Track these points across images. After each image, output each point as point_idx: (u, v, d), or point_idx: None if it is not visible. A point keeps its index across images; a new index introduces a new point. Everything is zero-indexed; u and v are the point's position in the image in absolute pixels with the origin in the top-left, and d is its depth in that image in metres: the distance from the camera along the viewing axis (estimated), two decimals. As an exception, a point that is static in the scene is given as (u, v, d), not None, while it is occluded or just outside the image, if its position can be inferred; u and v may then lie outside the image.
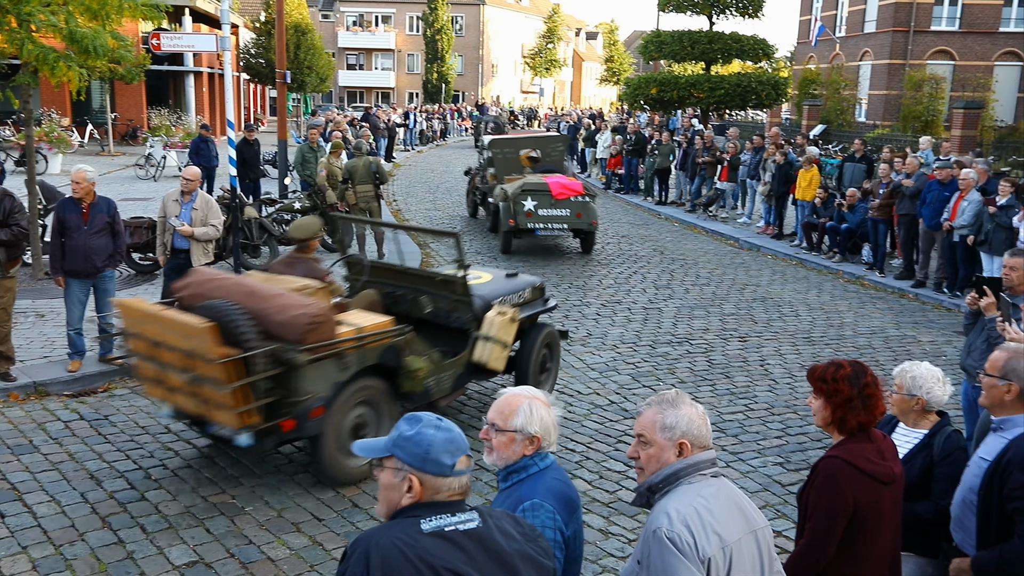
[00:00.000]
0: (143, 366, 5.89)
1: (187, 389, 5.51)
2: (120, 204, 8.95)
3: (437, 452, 2.16)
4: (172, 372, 5.57)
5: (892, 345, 9.93)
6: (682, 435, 2.54)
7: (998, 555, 3.20)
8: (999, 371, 3.35)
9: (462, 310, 6.92)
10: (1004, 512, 3.21)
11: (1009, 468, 3.18)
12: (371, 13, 68.21)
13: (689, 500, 2.46)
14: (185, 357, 5.39)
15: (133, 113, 33.27)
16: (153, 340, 5.64)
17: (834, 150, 22.89)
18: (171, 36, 11.67)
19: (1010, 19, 33.71)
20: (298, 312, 5.47)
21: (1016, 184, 11.21)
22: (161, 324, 5.56)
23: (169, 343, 5.50)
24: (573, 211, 13.71)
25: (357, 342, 5.81)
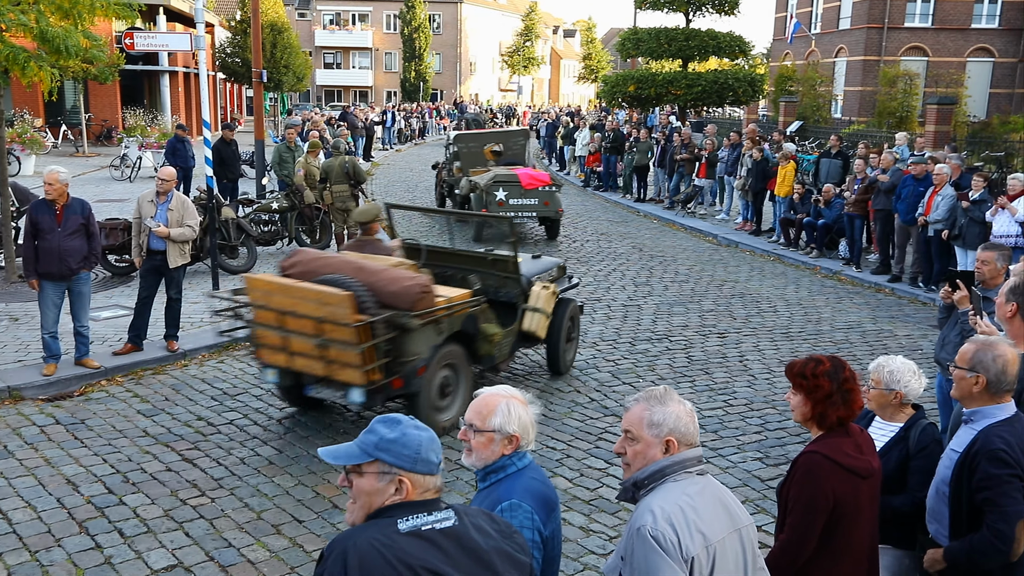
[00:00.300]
0: (265, 334, 6.55)
1: (314, 353, 6.21)
2: (95, 205, 8.87)
3: (426, 451, 2.17)
4: (298, 338, 6.28)
5: (869, 339, 10.02)
6: (669, 432, 2.54)
7: (968, 545, 3.26)
8: (968, 363, 3.38)
9: (511, 286, 7.80)
10: (974, 503, 3.26)
11: (977, 459, 3.24)
12: (348, 12, 67.87)
13: (674, 498, 2.46)
14: (317, 324, 6.12)
15: (108, 113, 32.92)
16: (282, 310, 6.34)
17: (810, 146, 23.04)
18: (145, 35, 11.55)
19: (981, 15, 34.11)
20: (410, 283, 6.32)
21: (988, 179, 11.35)
22: (294, 295, 6.28)
23: (300, 311, 6.23)
24: (541, 200, 14.79)
25: (449, 310, 6.65)
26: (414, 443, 2.16)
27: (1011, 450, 3.22)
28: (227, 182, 16.32)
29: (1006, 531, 3.18)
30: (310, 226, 14.08)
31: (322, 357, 6.21)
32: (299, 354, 6.36)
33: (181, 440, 6.69)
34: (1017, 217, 10.16)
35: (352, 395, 6.25)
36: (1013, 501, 3.20)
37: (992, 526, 3.19)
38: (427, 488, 2.17)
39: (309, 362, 6.35)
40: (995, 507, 3.19)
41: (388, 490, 2.14)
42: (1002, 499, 3.19)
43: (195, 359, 8.68)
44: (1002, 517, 3.18)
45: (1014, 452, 3.22)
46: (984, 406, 3.37)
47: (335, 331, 6.07)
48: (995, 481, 3.19)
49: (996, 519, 3.19)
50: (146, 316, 8.55)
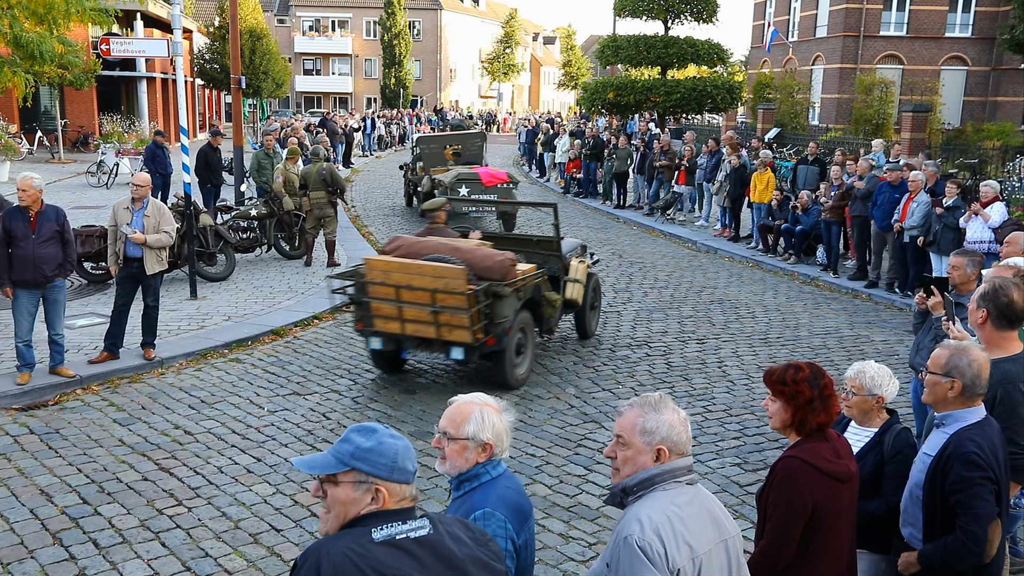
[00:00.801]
0: (380, 307, 7.76)
1: (427, 319, 7.55)
2: (71, 212, 8.80)
3: (403, 460, 2.16)
4: (412, 307, 7.59)
5: (846, 345, 10.10)
6: (661, 441, 2.52)
7: (942, 548, 3.30)
8: (942, 368, 3.41)
9: (553, 261, 9.12)
10: (947, 505, 3.29)
11: (950, 463, 3.27)
12: (327, 18, 67.72)
13: (662, 508, 2.45)
14: (432, 294, 7.45)
15: (84, 119, 32.63)
16: (399, 285, 7.60)
17: (788, 153, 23.23)
18: (121, 41, 11.47)
19: (955, 24, 34.57)
20: (501, 259, 7.78)
21: (962, 185, 11.48)
22: (411, 271, 7.61)
23: (416, 285, 7.54)
24: (499, 196, 16.12)
25: (524, 281, 7.99)
26: (390, 452, 2.15)
27: (983, 453, 3.26)
28: (211, 187, 16.23)
29: (979, 533, 3.22)
30: (289, 233, 14.01)
31: (434, 322, 7.53)
32: (412, 321, 7.64)
33: (158, 449, 6.63)
34: (990, 223, 10.29)
35: (453, 353, 7.68)
36: (985, 503, 3.23)
37: (965, 528, 3.23)
38: (403, 497, 2.16)
39: (421, 327, 7.65)
40: (968, 509, 3.23)
41: (364, 499, 2.13)
42: (974, 501, 3.22)
43: (172, 367, 8.61)
44: (975, 519, 3.22)
45: (986, 455, 3.26)
46: (956, 410, 3.40)
47: (448, 299, 7.42)
48: (967, 484, 3.23)
49: (969, 521, 3.23)
50: (122, 324, 8.47)
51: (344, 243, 15.25)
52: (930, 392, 3.47)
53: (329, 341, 9.65)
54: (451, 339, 7.56)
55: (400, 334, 7.78)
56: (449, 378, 8.49)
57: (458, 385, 8.26)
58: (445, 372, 8.68)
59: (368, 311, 7.85)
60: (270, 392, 7.97)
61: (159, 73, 35.93)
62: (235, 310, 10.62)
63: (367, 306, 7.85)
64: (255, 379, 8.33)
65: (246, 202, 15.74)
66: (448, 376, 8.55)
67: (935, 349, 3.55)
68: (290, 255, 14.00)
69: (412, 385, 8.26)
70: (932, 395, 3.46)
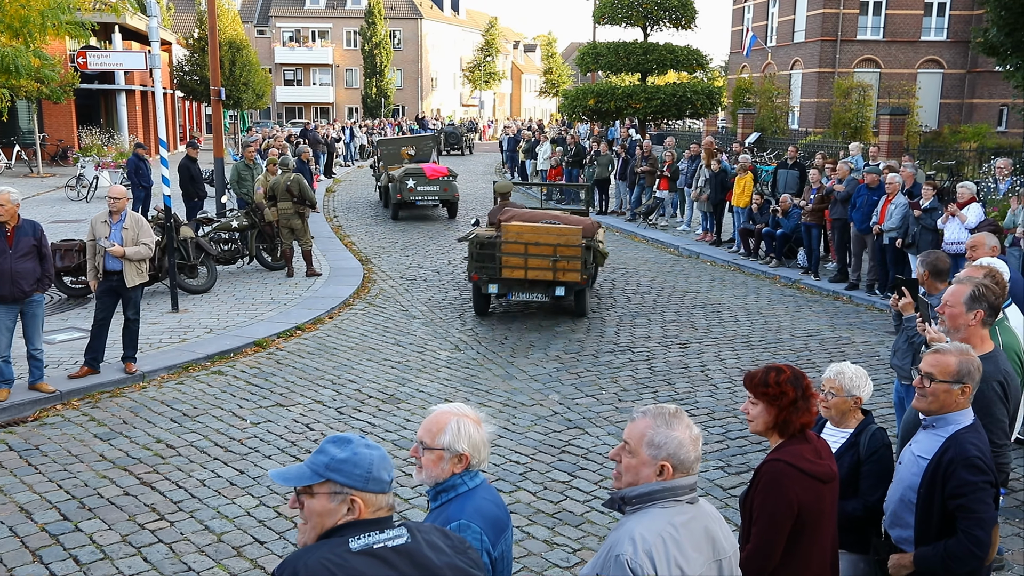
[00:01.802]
0: (509, 259, 10.30)
1: (545, 266, 10.22)
2: (50, 226, 8.74)
3: (378, 470, 2.16)
4: (537, 258, 10.21)
5: (828, 347, 10.17)
6: (667, 456, 2.47)
7: (943, 551, 3.27)
8: (954, 375, 3.33)
9: None
10: (946, 509, 3.27)
11: (952, 467, 3.24)
12: (307, 28, 67.66)
13: (658, 528, 2.42)
14: (554, 248, 10.17)
15: (63, 133, 32.43)
16: (528, 242, 10.23)
17: (768, 157, 23.38)
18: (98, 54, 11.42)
19: (930, 28, 34.98)
20: (591, 222, 11.51)
21: (938, 187, 11.59)
22: (539, 232, 10.31)
23: (543, 241, 10.22)
24: (441, 187, 19.32)
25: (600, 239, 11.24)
26: (365, 462, 2.15)
27: (984, 457, 3.25)
28: (196, 200, 16.13)
29: (983, 537, 3.21)
30: (270, 244, 13.97)
31: (552, 268, 10.24)
32: (534, 268, 10.28)
33: (140, 463, 6.58)
34: (967, 224, 10.39)
35: (557, 291, 10.45)
36: (988, 508, 3.23)
37: (969, 532, 3.21)
38: (379, 507, 2.16)
39: (541, 272, 10.29)
40: (971, 513, 3.21)
41: (340, 510, 2.13)
42: (978, 505, 3.21)
43: (154, 380, 8.56)
44: (978, 523, 3.20)
45: (987, 458, 3.26)
46: (950, 413, 3.38)
47: (567, 251, 10.20)
48: (971, 488, 3.21)
49: (971, 525, 3.20)
50: (103, 338, 8.41)
51: (327, 253, 15.24)
52: (935, 400, 3.37)
53: (312, 352, 9.62)
54: (564, 280, 10.33)
55: (522, 279, 10.39)
56: (438, 384, 8.49)
57: (443, 394, 8.26)
58: (436, 378, 8.67)
59: (496, 263, 10.39)
60: (253, 404, 7.94)
61: (138, 86, 35.76)
62: (217, 322, 10.57)
63: (495, 259, 10.37)
64: (237, 391, 8.29)
65: (227, 214, 15.68)
66: (437, 383, 8.54)
67: (930, 355, 3.47)
68: (272, 266, 13.96)
69: (395, 394, 8.25)
70: (939, 403, 3.37)
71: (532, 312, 11.50)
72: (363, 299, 12.24)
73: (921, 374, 3.43)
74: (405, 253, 15.87)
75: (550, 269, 10.24)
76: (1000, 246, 6.42)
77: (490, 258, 10.44)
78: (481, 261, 10.51)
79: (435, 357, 9.49)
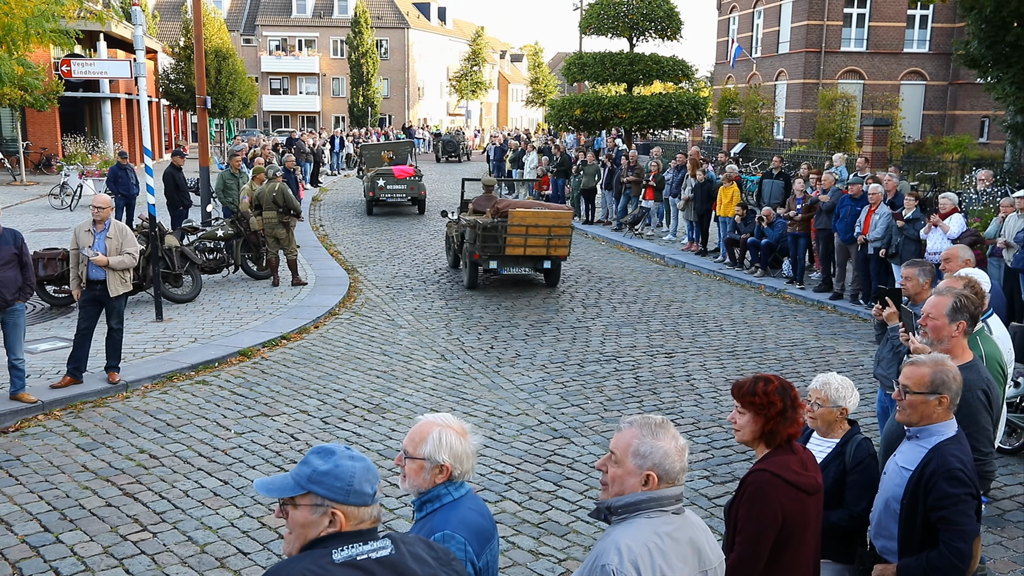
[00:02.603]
0: (512, 239, 12.49)
1: (540, 244, 12.56)
2: (34, 235, 8.68)
3: (360, 483, 2.15)
4: (533, 237, 12.52)
5: (812, 356, 10.21)
6: (652, 467, 2.48)
7: (925, 562, 3.28)
8: (928, 386, 3.36)
9: None
10: (929, 520, 3.28)
11: (934, 479, 3.25)
12: (294, 37, 67.60)
13: (644, 538, 2.42)
14: (548, 228, 12.55)
15: (47, 141, 32.23)
16: (527, 224, 12.46)
17: (754, 167, 23.53)
18: (82, 63, 11.36)
19: (913, 40, 35.33)
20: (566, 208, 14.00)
21: (919, 197, 11.69)
22: (539, 215, 12.64)
23: (541, 223, 12.54)
24: (408, 185, 22.21)
25: None
26: (346, 475, 2.14)
27: (966, 469, 3.27)
28: (182, 208, 16.07)
29: (964, 549, 3.22)
30: (256, 253, 13.92)
31: (547, 245, 12.65)
32: (532, 245, 12.60)
33: (122, 474, 6.53)
34: (949, 234, 10.47)
35: (545, 264, 13.02)
36: (970, 520, 3.24)
37: (950, 544, 3.22)
38: (361, 519, 2.15)
39: (537, 249, 12.66)
40: (953, 525, 3.22)
41: (322, 522, 2.12)
42: (959, 517, 3.22)
43: (137, 390, 8.50)
44: (960, 535, 3.22)
45: (969, 471, 3.27)
46: (933, 424, 3.40)
47: (560, 230, 12.67)
48: (952, 500, 3.22)
49: (953, 537, 3.22)
50: (86, 348, 8.35)
51: (313, 262, 15.19)
52: (914, 412, 3.39)
53: (297, 361, 9.58)
54: (554, 254, 12.82)
55: (521, 255, 12.68)
56: (424, 394, 8.46)
57: (429, 404, 8.24)
58: (422, 388, 8.65)
59: (500, 243, 12.54)
60: (237, 414, 7.89)
61: (123, 94, 35.61)
62: (202, 331, 10.52)
63: (499, 240, 12.54)
64: (222, 401, 8.24)
65: (212, 223, 15.62)
66: (423, 393, 8.52)
67: (906, 366, 3.49)
68: (257, 275, 13.90)
69: (381, 404, 8.22)
70: (917, 414, 3.38)
71: (517, 322, 11.50)
72: (349, 308, 12.21)
73: (899, 386, 3.45)
74: (391, 262, 15.85)
75: (544, 246, 12.62)
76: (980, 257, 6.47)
77: (493, 239, 12.57)
78: (485, 242, 12.62)
79: (421, 367, 9.47)
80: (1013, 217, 10.42)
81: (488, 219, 12.88)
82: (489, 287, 13.71)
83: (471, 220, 13.13)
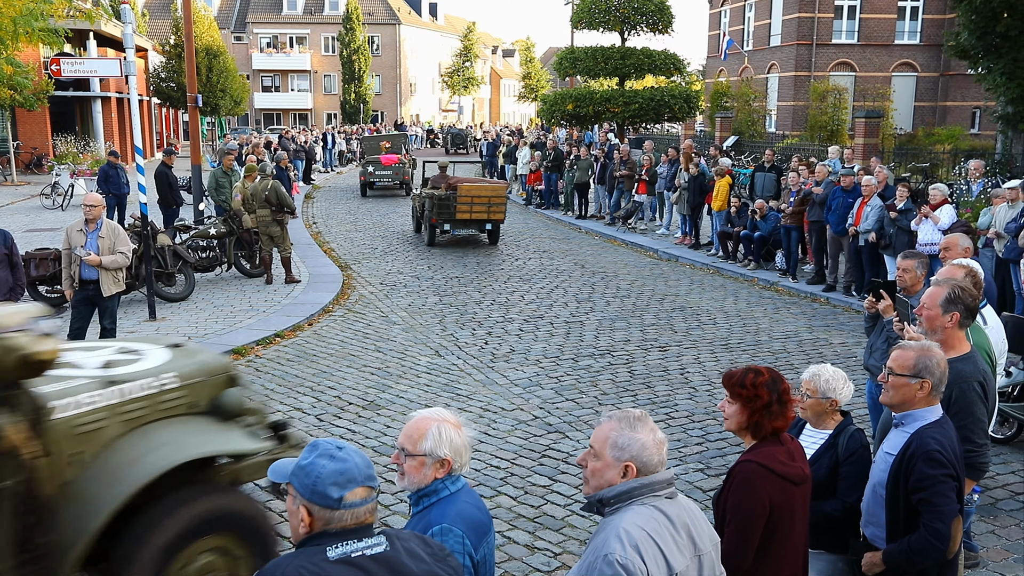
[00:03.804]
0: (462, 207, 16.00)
1: (483, 210, 16.13)
2: (25, 235, 8.65)
3: (324, 485, 2.13)
4: (476, 205, 16.04)
5: (806, 348, 10.25)
6: (630, 458, 2.51)
7: (906, 546, 3.35)
8: (911, 369, 3.42)
9: None
10: (910, 504, 3.34)
11: (913, 461, 3.33)
12: (285, 34, 67.45)
13: (641, 523, 2.44)
14: (487, 198, 16.23)
15: (37, 141, 32.10)
16: (472, 195, 16.04)
17: (746, 160, 23.55)
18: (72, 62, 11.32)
19: (904, 32, 35.38)
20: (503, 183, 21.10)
21: (911, 189, 11.72)
22: (482, 188, 16.62)
23: (483, 194, 16.29)
24: (393, 171, 26.13)
25: None
26: (314, 474, 2.14)
27: (945, 450, 3.32)
28: (175, 207, 16.04)
29: (942, 530, 3.27)
30: (249, 251, 13.90)
31: (488, 211, 16.14)
32: (476, 211, 16.07)
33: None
34: (939, 225, 10.51)
35: (487, 226, 16.52)
36: (948, 500, 3.29)
37: (929, 525, 3.28)
38: (328, 521, 2.13)
39: (480, 214, 16.12)
40: (932, 507, 3.28)
41: (298, 514, 2.14)
42: (938, 499, 3.28)
43: (131, 390, 8.47)
44: (938, 516, 3.27)
45: (947, 452, 3.32)
46: (916, 409, 3.45)
47: (497, 200, 16.22)
48: (931, 481, 3.28)
49: (932, 519, 3.27)
50: (78, 348, 8.32)
51: (306, 260, 15.18)
52: (897, 394, 3.47)
53: (291, 359, 9.58)
54: (493, 218, 16.39)
55: (468, 219, 16.24)
56: (418, 390, 8.47)
57: (423, 400, 8.25)
58: (416, 384, 8.66)
59: (451, 210, 16.09)
60: (231, 412, 7.87)
61: (114, 93, 35.48)
62: (195, 330, 10.50)
63: (451, 208, 16.09)
64: (216, 400, 8.22)
65: (205, 221, 15.59)
66: (417, 389, 8.53)
67: (894, 350, 3.57)
68: (251, 273, 13.88)
69: (375, 400, 8.23)
70: (899, 396, 3.46)
71: (511, 317, 11.51)
72: (343, 305, 12.20)
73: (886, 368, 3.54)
74: (384, 259, 15.85)
75: (486, 212, 16.20)
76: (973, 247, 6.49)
77: (446, 207, 16.21)
78: (440, 210, 16.29)
79: (415, 363, 9.48)
80: (1003, 208, 10.45)
81: (442, 192, 16.63)
82: (486, 282, 13.71)
83: (429, 193, 16.80)
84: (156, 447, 3.90)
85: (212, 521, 3.97)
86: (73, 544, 3.57)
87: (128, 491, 3.66)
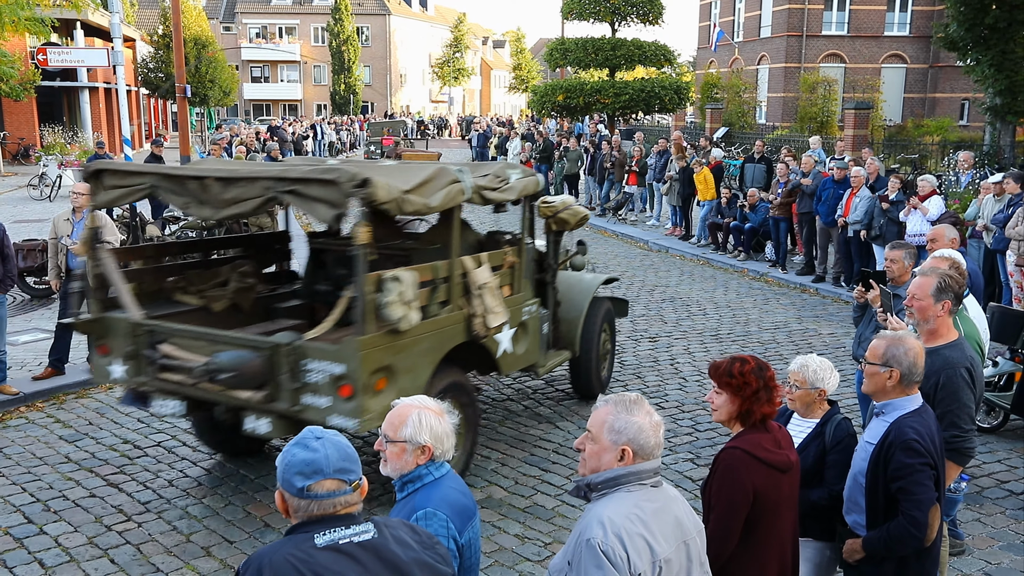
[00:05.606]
0: None
1: None
2: (12, 226, 8.60)
3: (291, 473, 2.14)
4: None
5: (795, 339, 10.29)
6: (627, 441, 2.52)
7: (885, 533, 3.39)
8: (880, 358, 3.49)
9: None
10: (889, 492, 3.38)
11: (891, 450, 3.37)
12: (274, 24, 67.06)
13: (625, 510, 2.46)
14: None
15: (24, 131, 31.88)
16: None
17: (736, 151, 23.57)
18: (59, 51, 11.26)
19: (893, 23, 35.42)
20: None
21: (904, 180, 11.76)
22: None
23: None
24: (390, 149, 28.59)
25: None
26: (284, 461, 2.17)
27: (922, 439, 3.36)
28: None
29: (920, 518, 3.32)
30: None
31: None
32: None
33: (106, 464, 6.51)
34: (928, 216, 10.55)
35: None
36: (925, 488, 3.33)
37: (907, 513, 3.32)
38: (296, 509, 2.15)
39: None
40: (909, 495, 3.32)
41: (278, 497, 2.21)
42: (915, 487, 3.32)
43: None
44: (916, 504, 3.32)
45: (925, 441, 3.36)
46: (894, 399, 3.50)
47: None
48: (908, 470, 3.32)
49: (910, 506, 3.32)
50: (67, 339, 8.29)
51: (296, 249, 15.08)
52: (870, 382, 3.55)
53: (281, 350, 9.55)
54: None
55: None
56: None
57: (412, 390, 8.24)
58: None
59: None
60: (221, 403, 7.86)
61: (102, 83, 35.22)
62: (184, 321, 10.45)
63: None
64: (206, 391, 8.20)
65: (194, 212, 15.52)
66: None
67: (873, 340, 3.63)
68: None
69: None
70: (872, 385, 3.55)
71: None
72: (333, 297, 12.17)
73: None
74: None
75: None
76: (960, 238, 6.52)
77: None
78: None
79: (405, 354, 9.46)
80: (990, 199, 10.50)
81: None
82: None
83: None
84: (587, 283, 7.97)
85: (607, 314, 8.06)
86: (573, 326, 7.59)
87: (588, 299, 7.75)
